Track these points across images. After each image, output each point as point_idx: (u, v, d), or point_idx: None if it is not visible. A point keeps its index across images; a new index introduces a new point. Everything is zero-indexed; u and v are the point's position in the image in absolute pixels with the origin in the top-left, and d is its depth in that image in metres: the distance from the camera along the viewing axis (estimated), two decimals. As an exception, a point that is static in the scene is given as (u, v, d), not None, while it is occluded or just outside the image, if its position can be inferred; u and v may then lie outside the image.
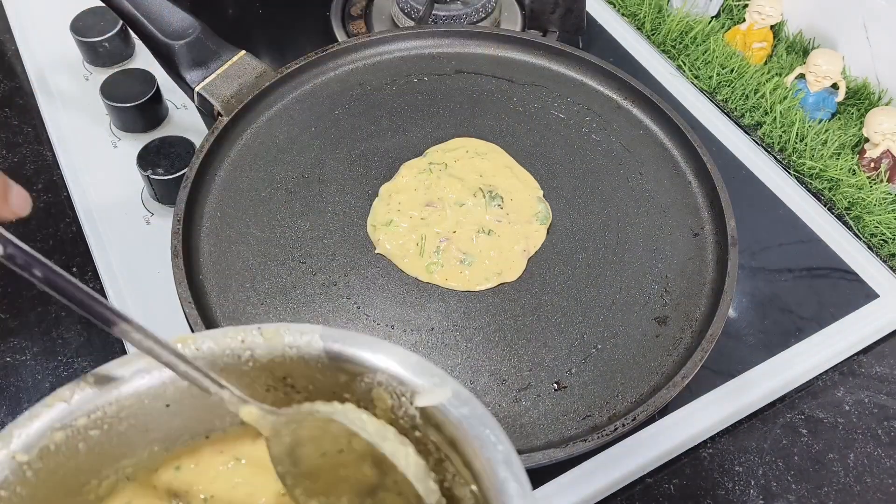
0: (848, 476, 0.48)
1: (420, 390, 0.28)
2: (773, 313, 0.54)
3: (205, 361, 0.30)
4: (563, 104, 0.59)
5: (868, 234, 0.58)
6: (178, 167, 0.57)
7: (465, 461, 0.27)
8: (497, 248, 0.50)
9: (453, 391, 0.28)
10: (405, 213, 0.51)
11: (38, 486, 0.28)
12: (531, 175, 0.54)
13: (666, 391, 0.43)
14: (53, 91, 0.66)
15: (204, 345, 0.30)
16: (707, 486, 0.47)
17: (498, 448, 0.27)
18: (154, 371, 0.30)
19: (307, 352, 0.30)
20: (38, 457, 0.28)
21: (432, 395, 0.28)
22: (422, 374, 0.28)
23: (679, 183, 0.54)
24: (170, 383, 0.30)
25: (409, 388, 0.28)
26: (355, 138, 0.56)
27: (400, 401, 0.29)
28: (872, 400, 0.51)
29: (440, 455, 0.29)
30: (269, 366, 0.30)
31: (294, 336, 0.30)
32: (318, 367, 0.30)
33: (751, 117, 0.66)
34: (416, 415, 0.28)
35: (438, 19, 0.68)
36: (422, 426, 0.29)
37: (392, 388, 0.29)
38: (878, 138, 0.60)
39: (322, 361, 0.30)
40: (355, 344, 0.29)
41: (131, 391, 0.30)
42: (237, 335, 0.30)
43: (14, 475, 0.28)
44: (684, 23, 0.71)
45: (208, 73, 0.54)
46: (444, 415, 0.27)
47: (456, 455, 0.28)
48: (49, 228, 0.59)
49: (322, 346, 0.29)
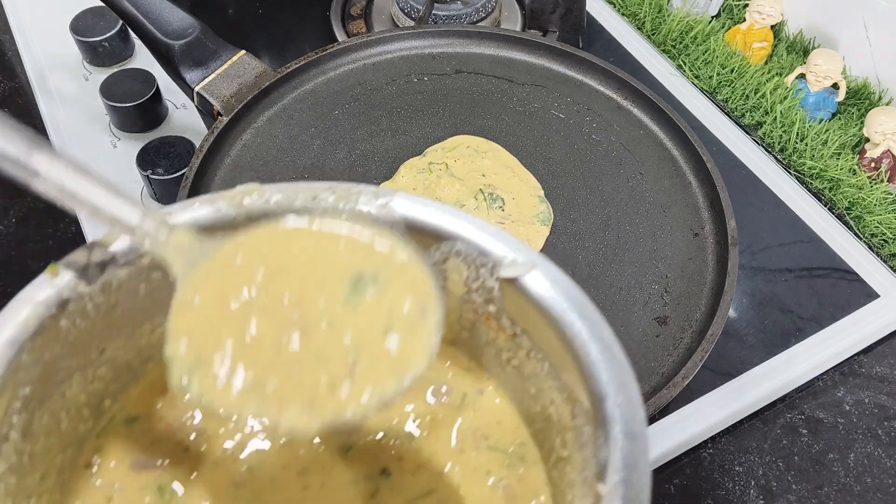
0: (848, 476, 0.48)
1: (503, 263, 0.26)
2: (774, 313, 0.54)
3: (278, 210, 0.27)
4: (563, 104, 0.59)
5: (868, 234, 0.58)
6: (178, 167, 0.57)
7: (544, 338, 0.26)
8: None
9: (539, 265, 0.26)
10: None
11: (96, 320, 0.27)
12: (532, 174, 0.54)
13: (666, 391, 0.43)
14: (53, 91, 0.66)
15: (273, 198, 0.28)
16: (707, 487, 0.47)
17: (583, 329, 0.24)
18: (224, 209, 0.27)
19: (383, 217, 0.27)
20: (100, 290, 0.27)
21: (517, 267, 0.26)
22: (506, 245, 0.26)
23: (679, 183, 0.54)
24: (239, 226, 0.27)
25: (490, 259, 0.27)
26: (355, 138, 0.56)
27: (478, 272, 0.27)
28: (873, 400, 0.51)
29: (514, 330, 0.27)
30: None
31: (369, 200, 0.27)
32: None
33: (751, 117, 0.66)
34: (495, 287, 0.27)
35: (438, 19, 0.68)
36: (498, 299, 0.27)
37: (472, 259, 0.27)
38: (878, 138, 0.60)
39: (398, 229, 0.27)
40: (435, 212, 0.27)
41: (206, 234, 0.26)
42: (309, 192, 0.28)
43: (75, 304, 0.27)
44: (684, 22, 0.71)
45: (208, 73, 0.54)
46: (528, 289, 0.26)
47: (535, 331, 0.26)
48: (48, 228, 0.59)
49: (400, 214, 0.27)
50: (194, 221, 0.28)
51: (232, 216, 0.28)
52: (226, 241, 0.25)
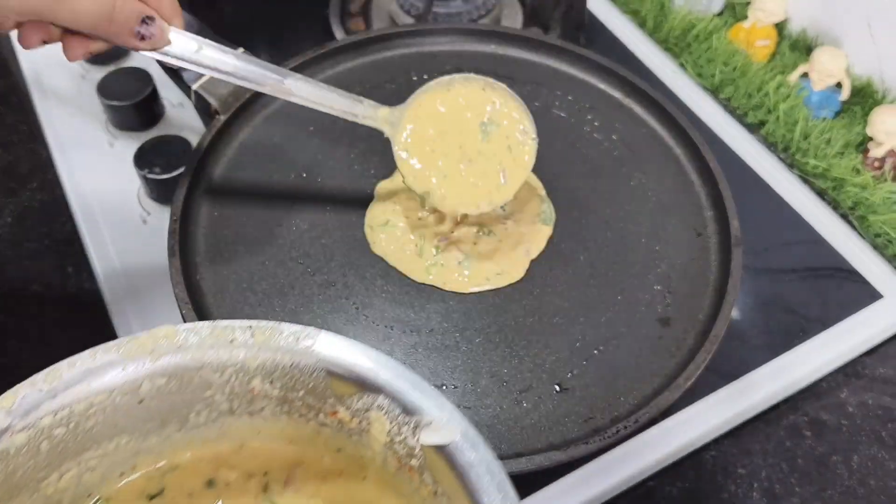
0: (852, 478, 0.47)
1: (426, 425, 0.26)
2: (777, 314, 0.53)
3: (190, 355, 0.28)
4: (564, 102, 0.58)
5: (872, 233, 0.58)
6: (175, 166, 0.56)
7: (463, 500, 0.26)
8: (499, 249, 0.49)
9: (462, 431, 0.26)
10: (403, 214, 0.51)
11: None
12: (533, 174, 0.54)
13: (668, 393, 0.42)
14: (49, 89, 0.65)
15: (189, 339, 0.28)
16: (710, 489, 0.47)
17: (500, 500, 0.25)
18: (129, 365, 0.28)
19: (303, 361, 0.28)
20: None
21: (439, 433, 0.26)
22: (430, 406, 0.26)
23: (682, 182, 0.54)
24: (145, 378, 0.28)
25: (413, 420, 0.26)
26: (354, 137, 0.56)
27: (400, 430, 0.27)
28: (876, 402, 0.51)
29: (436, 489, 0.27)
30: (258, 371, 0.28)
31: (289, 341, 0.28)
32: (311, 376, 0.28)
33: (754, 116, 0.65)
34: (417, 447, 0.27)
35: (438, 17, 0.68)
36: (420, 456, 0.27)
37: (394, 416, 0.27)
38: (882, 137, 0.59)
39: (319, 373, 0.28)
40: (360, 359, 0.27)
41: (102, 387, 0.28)
42: (228, 332, 0.28)
43: None
44: (687, 20, 0.71)
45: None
46: (449, 456, 0.26)
47: (455, 496, 0.26)
48: (44, 227, 0.58)
49: (322, 356, 0.27)
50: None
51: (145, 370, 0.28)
52: (409, 107, 0.45)
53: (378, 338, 0.46)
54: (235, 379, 0.29)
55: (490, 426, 0.43)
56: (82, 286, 0.55)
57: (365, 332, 0.46)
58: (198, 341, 0.28)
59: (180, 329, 0.28)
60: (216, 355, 0.28)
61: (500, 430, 0.42)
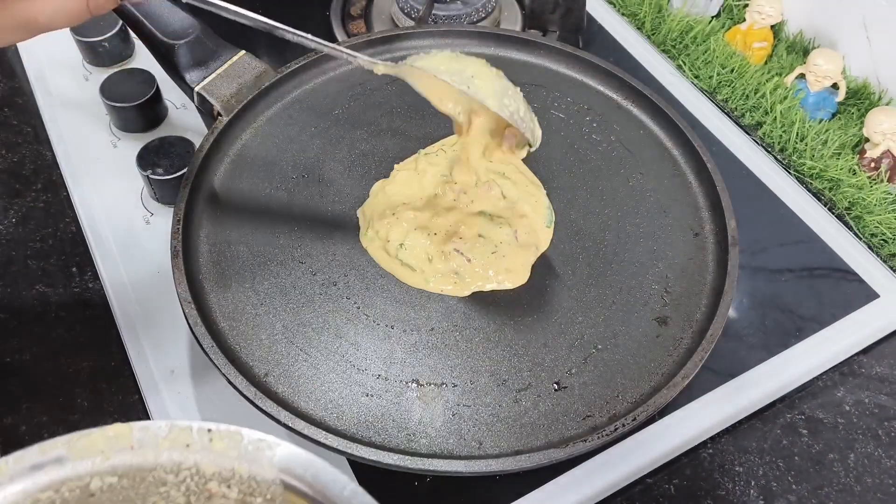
0: (848, 476, 0.48)
1: None
2: (774, 313, 0.54)
3: (142, 456, 0.27)
4: (562, 104, 0.59)
5: (868, 234, 0.58)
6: (178, 167, 0.57)
7: None
8: (500, 251, 0.49)
9: None
10: (401, 213, 0.51)
11: None
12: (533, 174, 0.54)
13: (666, 391, 0.43)
14: (53, 91, 0.66)
15: (144, 439, 0.27)
16: (707, 487, 0.47)
17: None
18: (79, 464, 0.27)
19: (260, 474, 0.26)
20: None
21: None
22: None
23: (679, 183, 0.54)
24: (94, 475, 0.27)
25: None
26: (355, 138, 0.56)
27: None
28: (873, 400, 0.51)
29: None
30: (214, 476, 0.27)
31: (248, 449, 0.26)
32: (269, 489, 0.27)
33: (751, 117, 0.66)
34: None
35: (438, 19, 0.68)
36: None
37: None
38: (878, 138, 0.60)
39: (276, 487, 0.27)
40: (320, 479, 0.26)
41: (48, 483, 0.26)
42: (184, 437, 0.27)
43: None
44: (684, 22, 0.71)
45: (208, 73, 0.54)
46: None
47: None
48: (49, 228, 0.59)
49: (282, 468, 0.26)
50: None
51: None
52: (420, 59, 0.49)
53: (379, 336, 0.46)
54: (191, 480, 0.27)
55: (489, 424, 0.43)
56: (86, 286, 0.55)
57: (366, 331, 0.46)
58: (153, 443, 0.27)
59: (134, 428, 0.27)
60: (170, 457, 0.27)
61: (500, 429, 0.43)
